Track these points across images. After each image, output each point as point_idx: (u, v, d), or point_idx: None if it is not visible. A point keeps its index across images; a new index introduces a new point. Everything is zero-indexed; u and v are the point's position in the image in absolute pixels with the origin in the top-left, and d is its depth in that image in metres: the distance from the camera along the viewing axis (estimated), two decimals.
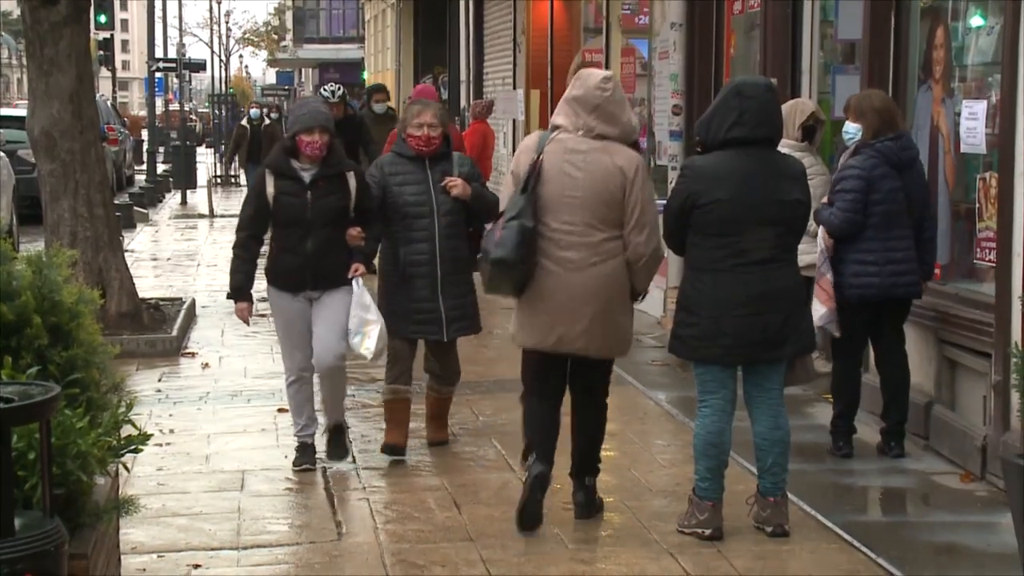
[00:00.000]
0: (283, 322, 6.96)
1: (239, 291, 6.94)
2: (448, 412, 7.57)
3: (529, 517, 5.84)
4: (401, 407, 7.20)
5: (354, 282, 6.81)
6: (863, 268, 6.89)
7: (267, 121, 22.57)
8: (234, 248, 6.97)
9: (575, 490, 6.11)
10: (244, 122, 23.05)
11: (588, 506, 6.09)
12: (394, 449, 7.12)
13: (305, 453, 7.02)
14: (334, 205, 6.79)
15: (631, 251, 5.79)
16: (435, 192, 6.99)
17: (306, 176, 6.79)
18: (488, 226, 6.35)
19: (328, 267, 6.80)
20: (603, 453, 6.27)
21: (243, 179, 26.30)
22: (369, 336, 6.76)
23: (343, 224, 6.82)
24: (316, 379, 7.06)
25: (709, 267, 5.72)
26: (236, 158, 24.17)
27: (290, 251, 6.81)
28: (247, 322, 7.15)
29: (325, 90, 13.83)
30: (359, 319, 6.78)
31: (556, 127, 5.92)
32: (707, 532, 5.82)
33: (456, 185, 6.96)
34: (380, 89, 16.28)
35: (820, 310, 6.86)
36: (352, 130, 13.15)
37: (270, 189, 6.80)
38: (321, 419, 7.22)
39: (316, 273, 6.81)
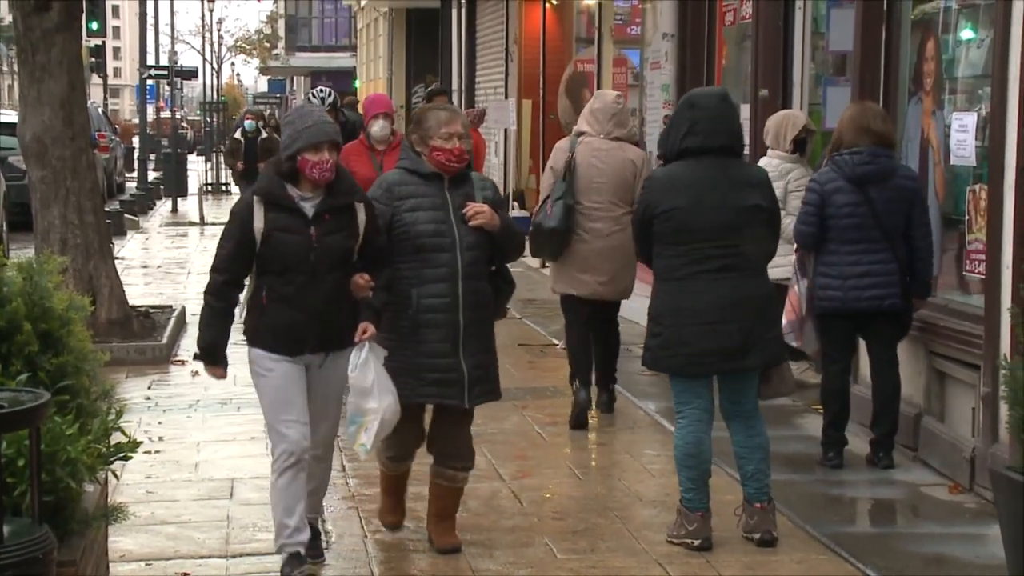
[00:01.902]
0: (275, 389, 5.38)
1: (212, 351, 5.43)
2: (459, 505, 6.01)
3: (580, 423, 8.03)
4: (403, 481, 6.07)
5: (357, 350, 5.38)
6: (827, 281, 6.99)
7: (263, 134, 19.92)
8: (207, 294, 5.43)
9: (600, 393, 8.32)
10: (238, 135, 19.98)
11: (610, 403, 8.38)
12: (396, 528, 6.14)
13: (295, 565, 5.42)
14: (342, 245, 5.34)
15: None
16: (456, 221, 5.61)
17: (308, 207, 5.31)
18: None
19: (337, 324, 5.36)
20: (591, 463, 6.67)
21: (236, 191, 23.78)
22: (367, 429, 5.42)
23: (349, 268, 5.39)
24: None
25: (669, 276, 5.82)
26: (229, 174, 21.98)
27: (288, 303, 5.30)
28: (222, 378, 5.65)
29: (315, 95, 12.11)
30: (355, 406, 5.42)
31: (581, 132, 8.00)
32: (696, 543, 5.83)
33: (482, 213, 5.62)
34: (442, 92, 13.44)
35: (783, 321, 6.91)
36: (345, 142, 12.83)
37: (259, 223, 5.27)
38: None
39: (323, 332, 5.35)
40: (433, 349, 5.59)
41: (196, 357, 5.59)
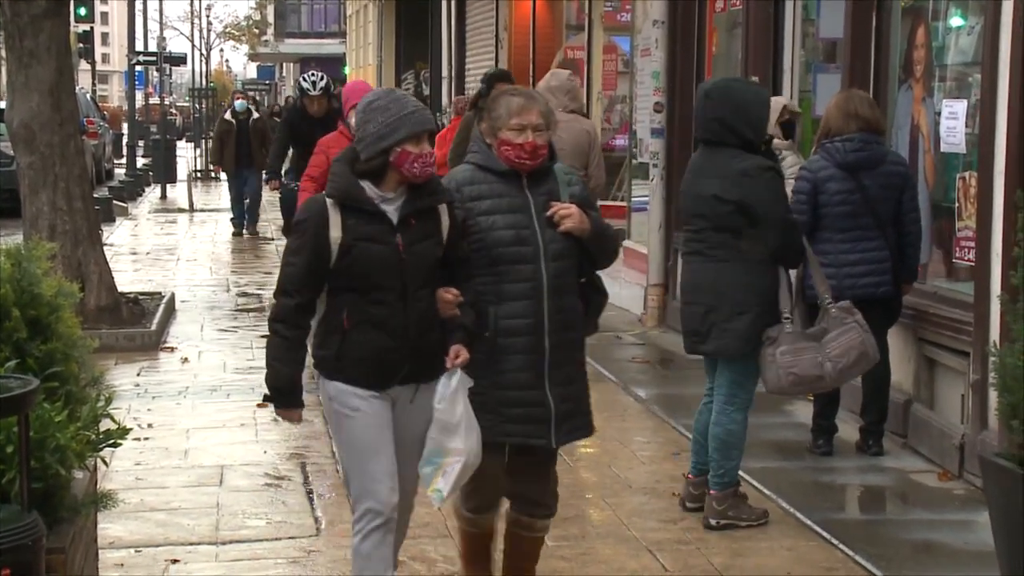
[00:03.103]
0: (361, 435, 4.50)
1: (288, 391, 4.54)
2: (539, 556, 5.14)
3: None
4: (488, 541, 5.12)
5: (446, 378, 4.52)
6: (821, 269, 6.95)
7: (255, 115, 19.34)
8: (275, 322, 4.53)
9: None
10: (228, 116, 19.45)
11: None
12: None
13: None
14: (431, 254, 4.52)
15: (593, 181, 8.48)
16: (540, 225, 4.73)
17: (391, 211, 4.46)
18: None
19: (429, 349, 4.52)
20: (581, 451, 6.61)
21: (224, 179, 21.36)
22: (446, 472, 4.55)
23: (437, 282, 4.57)
24: None
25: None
26: (222, 158, 19.56)
27: (375, 326, 4.44)
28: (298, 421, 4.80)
29: (305, 80, 11.17)
30: (436, 443, 4.54)
31: None
32: (765, 520, 6.08)
33: (570, 215, 4.74)
34: (505, 77, 10.76)
35: None
36: (334, 128, 10.44)
37: (336, 232, 4.41)
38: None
39: (415, 359, 4.49)
40: (514, 379, 4.70)
41: (266, 399, 4.64)
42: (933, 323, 7.14)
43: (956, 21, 7.46)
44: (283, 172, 12.12)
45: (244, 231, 19.10)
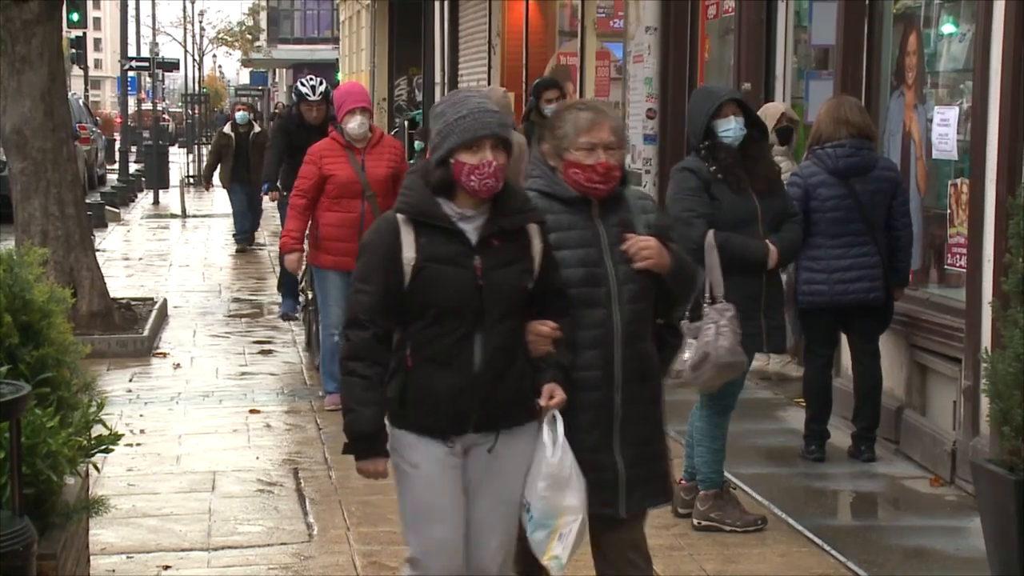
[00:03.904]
0: (421, 492, 3.94)
1: (370, 440, 3.91)
2: None
3: None
4: None
5: (549, 425, 3.92)
6: (812, 275, 6.96)
7: (256, 128, 17.72)
8: (348, 360, 3.90)
9: None
10: (228, 128, 17.93)
11: None
12: None
13: None
14: (515, 282, 3.90)
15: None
16: (613, 262, 4.09)
17: (470, 230, 3.88)
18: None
19: (508, 392, 3.90)
20: None
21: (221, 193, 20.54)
22: (562, 535, 3.90)
23: (522, 315, 3.95)
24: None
25: None
26: (217, 173, 18.30)
27: (444, 364, 3.86)
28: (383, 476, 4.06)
29: (303, 84, 10.28)
30: (549, 503, 3.91)
31: None
32: (761, 523, 6.07)
33: (647, 248, 4.08)
34: (553, 85, 10.34)
35: None
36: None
37: (409, 252, 3.84)
38: None
39: (492, 402, 3.89)
40: (580, 440, 4.01)
41: (346, 450, 3.97)
42: (925, 329, 7.15)
43: (948, 28, 7.48)
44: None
45: (248, 245, 17.79)
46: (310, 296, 9.78)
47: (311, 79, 10.35)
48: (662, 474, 4.24)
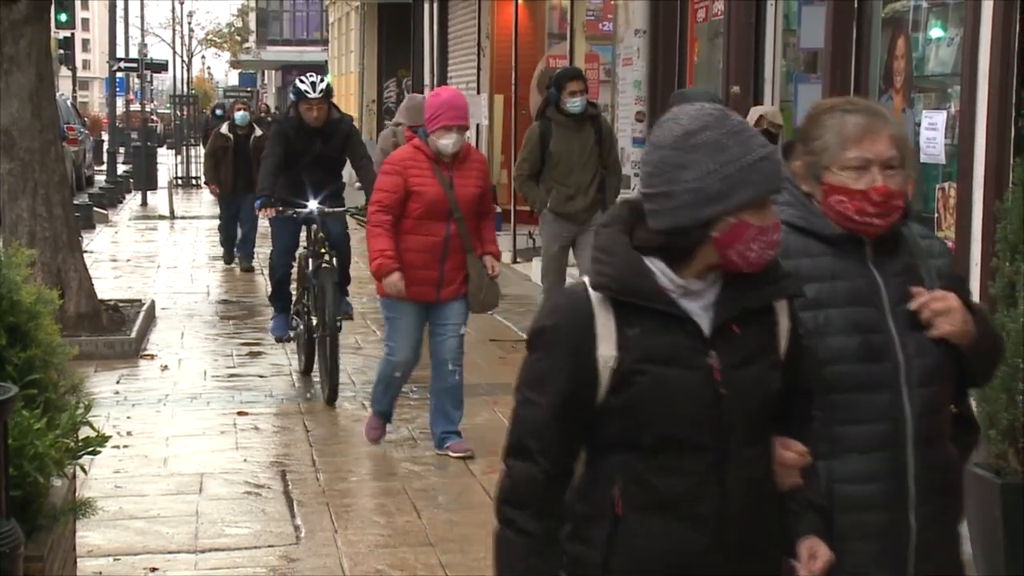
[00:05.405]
0: None
1: None
2: None
3: None
4: None
5: None
6: None
7: (257, 132, 15.73)
8: (507, 506, 2.69)
9: None
10: (225, 129, 15.93)
11: None
12: None
13: None
14: (765, 383, 2.69)
15: None
16: (899, 327, 2.91)
17: (698, 311, 2.65)
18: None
19: (760, 545, 2.71)
20: None
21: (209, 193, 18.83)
22: None
23: (772, 432, 2.75)
24: None
25: None
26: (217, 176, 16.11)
27: (669, 510, 2.64)
28: None
29: (303, 81, 9.17)
30: None
31: (399, 123, 10.55)
32: None
33: (948, 308, 2.92)
34: (576, 76, 9.52)
35: None
36: (336, 142, 9.28)
37: (608, 349, 2.61)
38: None
39: (738, 562, 2.67)
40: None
41: None
42: None
43: (936, 32, 7.50)
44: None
45: (236, 263, 16.08)
46: (314, 322, 9.04)
47: (311, 75, 9.31)
48: None
